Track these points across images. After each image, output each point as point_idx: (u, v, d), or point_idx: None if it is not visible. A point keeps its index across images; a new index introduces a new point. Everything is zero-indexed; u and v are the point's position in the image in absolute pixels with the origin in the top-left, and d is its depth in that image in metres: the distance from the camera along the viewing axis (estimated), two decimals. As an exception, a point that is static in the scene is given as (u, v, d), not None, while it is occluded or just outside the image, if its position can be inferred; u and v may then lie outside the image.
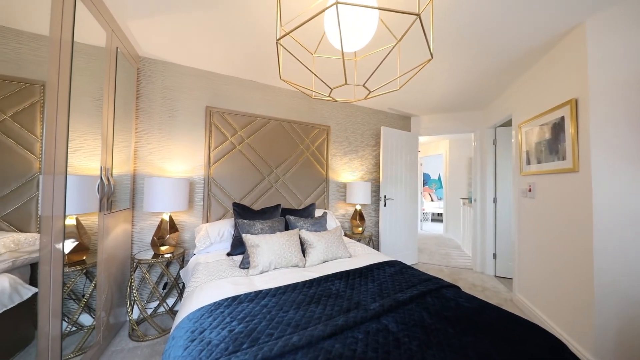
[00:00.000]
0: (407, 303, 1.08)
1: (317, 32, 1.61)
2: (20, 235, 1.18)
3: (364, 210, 3.13)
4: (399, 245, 3.20)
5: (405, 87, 2.51)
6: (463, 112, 3.32)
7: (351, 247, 2.11)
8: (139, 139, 2.04)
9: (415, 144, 3.42)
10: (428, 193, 7.84)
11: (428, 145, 5.99)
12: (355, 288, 1.22)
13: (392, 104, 3.07)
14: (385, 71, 2.12)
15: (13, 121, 1.21)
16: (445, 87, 2.55)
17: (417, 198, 3.43)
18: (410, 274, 1.42)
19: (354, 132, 3.11)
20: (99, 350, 1.52)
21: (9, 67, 1.22)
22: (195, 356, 0.71)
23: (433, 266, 3.30)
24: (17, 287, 1.11)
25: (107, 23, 1.50)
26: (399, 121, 3.48)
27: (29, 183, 1.23)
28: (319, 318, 0.93)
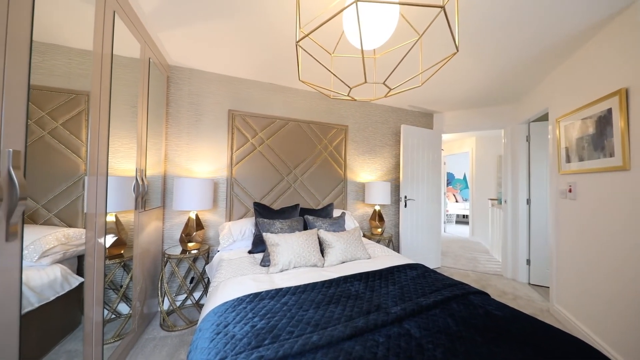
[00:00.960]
0: (430, 308, 1.04)
1: (335, 32, 1.60)
2: (69, 230, 1.31)
3: (383, 211, 3.06)
4: (421, 248, 3.08)
5: (428, 83, 2.41)
6: (491, 107, 3.11)
7: (370, 248, 2.08)
8: (168, 142, 2.19)
9: (438, 142, 3.28)
10: (452, 193, 7.46)
11: (452, 143, 5.70)
12: (375, 290, 1.20)
13: (413, 101, 2.97)
14: (405, 68, 2.06)
15: (63, 128, 1.35)
16: (472, 82, 2.41)
17: (440, 199, 3.28)
18: (434, 278, 1.36)
19: (372, 131, 3.05)
20: (134, 337, 1.65)
21: (60, 80, 1.37)
22: (220, 348, 0.75)
23: (458, 271, 3.14)
24: (67, 276, 1.24)
25: (141, 35, 1.63)
26: (421, 118, 3.35)
27: (76, 183, 1.37)
28: (338, 319, 0.93)
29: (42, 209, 1.21)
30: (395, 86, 1.02)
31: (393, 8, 0.86)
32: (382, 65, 2.00)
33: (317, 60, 0.95)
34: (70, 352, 1.19)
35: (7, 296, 0.73)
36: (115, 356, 1.42)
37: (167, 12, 1.53)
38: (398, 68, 2.03)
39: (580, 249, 1.82)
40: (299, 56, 0.96)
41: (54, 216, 1.29)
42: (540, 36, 1.65)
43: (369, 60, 1.90)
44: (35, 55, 0.81)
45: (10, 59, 0.72)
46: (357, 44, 0.88)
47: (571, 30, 1.59)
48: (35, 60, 0.82)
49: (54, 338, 1.22)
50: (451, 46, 1.77)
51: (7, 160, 0.71)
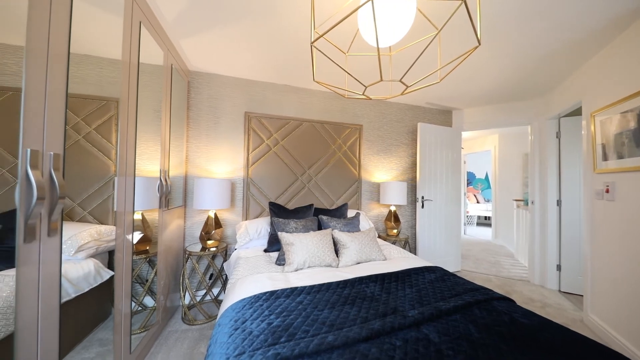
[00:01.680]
0: (450, 313, 1.00)
1: (349, 31, 1.59)
2: (101, 227, 1.41)
3: (399, 211, 2.99)
4: (439, 250, 2.97)
5: (447, 79, 2.33)
6: (517, 102, 2.93)
7: (386, 249, 2.04)
8: (189, 144, 2.29)
9: (458, 140, 3.15)
10: (473, 194, 7.12)
11: (473, 141, 5.45)
12: (392, 292, 1.17)
13: (430, 98, 2.88)
14: (422, 64, 2.00)
15: (96, 132, 1.46)
16: (495, 76, 2.29)
17: (459, 199, 3.15)
18: (454, 281, 1.30)
19: (387, 130, 3.00)
20: (159, 329, 1.74)
21: (93, 88, 1.48)
22: (239, 344, 0.77)
23: (480, 275, 2.99)
24: (99, 269, 1.34)
25: (164, 43, 1.71)
26: (439, 116, 3.24)
27: (107, 184, 1.47)
28: (353, 320, 0.92)
29: (77, 207, 1.31)
30: (413, 83, 0.99)
31: (410, 3, 0.84)
32: (398, 63, 1.96)
33: (332, 60, 0.95)
34: (102, 340, 1.28)
35: (49, 286, 0.80)
36: (142, 346, 1.51)
37: (187, 20, 1.61)
38: (415, 64, 1.98)
39: (619, 254, 1.66)
40: (313, 57, 0.97)
41: (88, 214, 1.39)
42: (572, 24, 1.53)
43: (385, 58, 1.86)
44: (71, 65, 0.88)
45: (51, 70, 0.79)
46: (373, 42, 0.87)
47: (608, 14, 1.46)
48: (72, 70, 0.89)
49: (88, 327, 1.32)
50: (471, 40, 1.70)
51: (49, 163, 0.78)
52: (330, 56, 1.86)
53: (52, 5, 0.79)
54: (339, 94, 1.33)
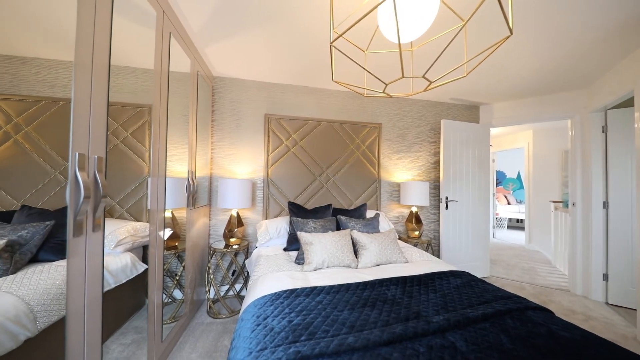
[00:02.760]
0: (478, 321, 0.94)
1: (368, 28, 1.57)
2: (136, 223, 1.53)
3: (421, 212, 2.88)
4: (465, 254, 2.82)
5: (474, 72, 2.19)
6: (554, 94, 2.68)
7: (407, 251, 1.97)
8: (214, 146, 2.41)
9: (486, 137, 2.95)
10: (503, 195, 6.64)
11: (503, 137, 5.08)
12: (414, 296, 1.13)
13: (455, 93, 2.74)
14: (446, 58, 1.90)
15: (132, 137, 1.59)
16: (528, 67, 2.11)
17: (488, 200, 2.95)
18: (482, 288, 1.23)
19: (408, 128, 2.90)
20: (186, 321, 1.85)
21: (129, 97, 1.62)
22: (261, 339, 0.80)
23: (511, 282, 2.78)
24: (135, 263, 1.45)
25: (191, 52, 1.82)
26: (464, 112, 3.07)
27: (142, 184, 1.60)
28: (374, 322, 0.90)
29: (117, 205, 1.44)
30: (436, 78, 0.95)
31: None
32: (419, 58, 1.89)
33: (351, 59, 0.94)
34: (137, 327, 1.39)
35: (94, 276, 0.89)
36: (172, 335, 1.61)
37: (211, 29, 1.69)
38: (438, 59, 1.89)
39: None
40: (332, 57, 0.96)
41: (125, 211, 1.52)
42: (622, 4, 1.37)
43: (406, 54, 1.81)
44: (111, 76, 0.97)
45: (94, 82, 0.88)
46: (393, 38, 0.85)
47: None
48: (112, 81, 0.98)
49: (125, 315, 1.44)
50: (501, 29, 1.58)
51: (93, 165, 0.86)
52: (349, 55, 1.85)
53: (96, 23, 0.88)
54: (358, 93, 1.31)
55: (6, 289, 0.74)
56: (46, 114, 0.90)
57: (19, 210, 0.84)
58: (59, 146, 0.90)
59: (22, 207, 0.85)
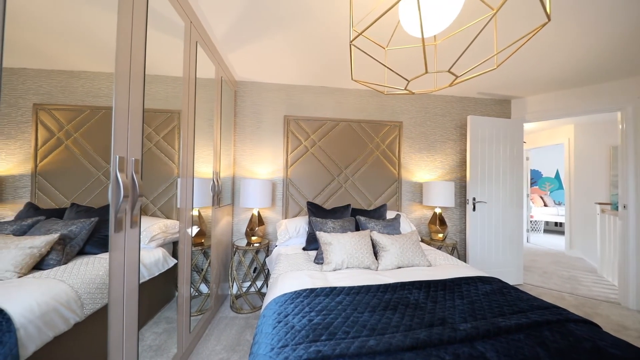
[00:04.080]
0: (511, 332, 0.87)
1: (389, 24, 1.53)
2: (167, 221, 1.64)
3: (445, 214, 2.75)
4: (495, 259, 2.63)
5: (505, 64, 2.04)
6: (601, 83, 2.41)
7: (430, 254, 1.89)
8: (236, 148, 2.51)
9: (519, 133, 2.74)
10: (539, 196, 6.10)
11: (538, 133, 4.67)
12: (439, 302, 1.08)
13: (483, 87, 2.57)
14: (473, 50, 1.80)
15: (163, 140, 1.71)
16: (569, 55, 1.92)
17: (521, 201, 2.73)
18: (515, 296, 1.14)
19: (431, 125, 2.78)
20: (212, 314, 1.95)
21: (161, 103, 1.74)
22: (282, 336, 0.81)
23: (548, 291, 2.55)
24: (166, 258, 1.56)
25: (215, 58, 1.91)
26: (493, 107, 2.87)
27: (172, 184, 1.71)
28: (396, 326, 0.88)
29: (150, 204, 1.55)
30: (463, 72, 0.90)
31: (458, -15, 0.76)
32: (443, 52, 1.80)
33: (372, 57, 0.92)
34: (168, 318, 1.49)
35: (131, 268, 0.97)
36: (199, 327, 1.71)
37: (234, 35, 1.76)
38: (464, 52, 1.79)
39: None
40: (352, 56, 0.95)
41: (158, 210, 1.63)
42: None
43: (429, 48, 1.73)
44: (145, 85, 1.05)
45: (132, 91, 0.96)
46: (415, 33, 0.82)
47: None
48: (146, 89, 1.06)
49: (157, 306, 1.55)
50: (536, 16, 1.46)
51: (131, 167, 0.94)
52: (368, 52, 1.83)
53: (132, 37, 0.96)
54: (378, 91, 1.29)
55: (59, 277, 0.83)
56: (91, 121, 1.00)
57: (69, 207, 0.94)
58: (102, 150, 1.00)
59: (72, 204, 0.95)
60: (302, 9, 1.47)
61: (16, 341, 0.63)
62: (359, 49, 0.89)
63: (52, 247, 0.83)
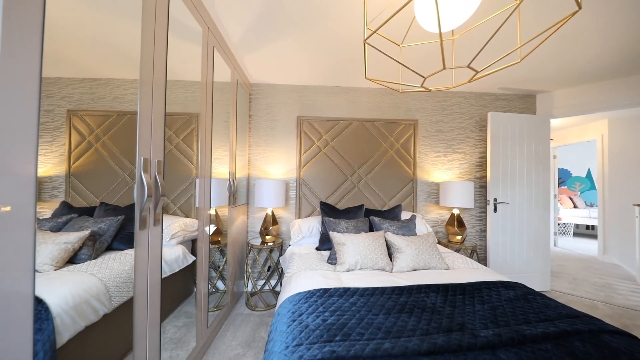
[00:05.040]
0: (537, 341, 0.82)
1: (403, 20, 1.49)
2: (187, 219, 1.71)
3: (463, 215, 2.64)
4: (519, 263, 2.50)
5: (530, 57, 1.92)
6: (636, 75, 2.21)
7: (448, 257, 1.83)
8: (251, 149, 2.56)
9: (545, 129, 2.58)
10: (568, 196, 5.70)
11: (567, 130, 4.37)
12: (457, 306, 1.04)
13: (505, 82, 2.45)
14: (493, 44, 1.71)
15: (183, 142, 1.78)
16: (602, 44, 1.78)
17: (548, 203, 2.57)
18: (542, 303, 1.07)
19: (448, 123, 2.69)
20: (228, 310, 2.01)
21: (180, 107, 1.82)
22: (297, 335, 0.82)
23: (579, 299, 2.38)
24: (185, 254, 1.62)
25: (231, 62, 1.97)
26: (516, 102, 2.72)
27: (191, 184, 1.78)
28: (412, 330, 0.86)
29: (171, 203, 1.62)
30: (484, 67, 0.86)
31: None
32: (461, 47, 1.73)
33: (387, 55, 0.90)
34: (187, 312, 1.55)
35: (154, 264, 1.02)
36: (216, 322, 1.76)
37: (249, 39, 1.80)
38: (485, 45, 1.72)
39: None
40: (366, 54, 0.95)
41: (178, 209, 1.70)
42: None
43: (446, 44, 1.68)
44: (167, 90, 1.10)
45: (155, 96, 1.01)
46: (432, 28, 0.79)
47: None
48: (167, 94, 1.11)
49: (177, 300, 1.61)
50: (563, 5, 1.36)
51: (154, 168, 0.99)
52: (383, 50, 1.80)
53: (155, 45, 1.01)
54: (393, 89, 1.26)
55: (90, 271, 0.89)
56: (117, 125, 1.06)
57: (99, 206, 1.00)
58: (127, 152, 1.06)
59: (101, 203, 1.01)
60: (315, 9, 1.47)
61: (53, 329, 0.68)
62: (373, 47, 0.88)
63: (84, 243, 0.89)
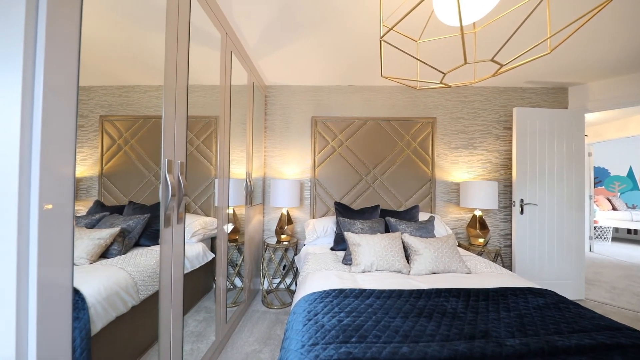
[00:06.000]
0: (570, 353, 0.76)
1: (421, 15, 1.45)
2: (206, 218, 1.78)
3: (486, 216, 2.51)
4: (548, 269, 2.33)
5: (561, 47, 1.79)
6: (691, 62, 1.97)
7: (469, 261, 1.75)
8: (267, 150, 2.62)
9: (579, 125, 2.38)
10: (605, 197, 5.23)
11: (604, 125, 4.01)
12: (480, 313, 0.99)
13: (532, 75, 2.29)
14: (518, 34, 1.61)
15: (202, 144, 1.86)
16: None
17: (582, 204, 2.37)
18: (576, 313, 0.99)
19: (469, 120, 2.57)
20: (245, 307, 2.06)
21: (200, 110, 1.89)
22: (312, 334, 0.83)
23: (619, 310, 2.17)
24: (205, 252, 1.69)
25: (247, 66, 2.02)
26: (545, 96, 2.54)
27: (210, 184, 1.85)
28: (431, 335, 0.83)
29: (192, 202, 1.70)
30: (510, 60, 0.81)
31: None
32: (483, 40, 1.65)
33: (404, 51, 0.88)
34: (207, 307, 1.61)
35: (177, 260, 1.07)
36: (234, 318, 1.82)
37: (265, 43, 1.84)
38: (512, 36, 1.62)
39: None
40: (382, 52, 0.93)
41: (198, 208, 1.77)
42: None
43: (467, 37, 1.61)
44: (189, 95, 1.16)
45: (177, 101, 1.06)
46: (452, 21, 0.76)
47: None
48: (189, 99, 1.16)
49: (198, 295, 1.68)
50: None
51: (177, 169, 1.04)
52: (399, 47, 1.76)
53: (178, 52, 1.06)
54: (410, 87, 1.23)
55: (120, 265, 0.96)
56: (144, 129, 1.13)
57: (127, 205, 1.07)
58: (152, 154, 1.12)
59: (129, 202, 1.08)
60: (330, 8, 1.47)
61: (88, 318, 0.74)
62: (390, 45, 0.86)
63: (115, 239, 0.95)
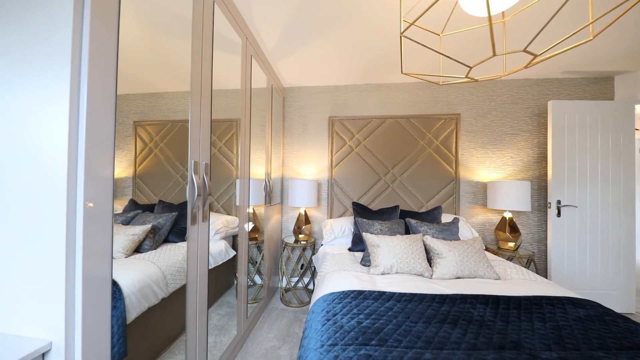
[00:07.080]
0: (618, 372, 0.68)
1: (443, 8, 1.39)
2: (228, 217, 1.85)
3: (517, 219, 2.34)
4: (590, 278, 2.11)
5: (605, 32, 1.61)
6: None
7: (498, 266, 1.64)
8: (285, 151, 2.66)
9: (627, 117, 2.13)
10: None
11: (658, 118, 3.53)
12: (511, 322, 0.93)
13: (571, 64, 2.09)
14: (553, 23, 1.48)
15: (224, 146, 1.93)
16: None
17: (633, 206, 2.12)
18: (625, 327, 0.88)
19: (498, 115, 2.41)
20: (264, 304, 2.12)
21: (223, 113, 1.97)
22: (331, 334, 0.83)
23: (680, 327, 1.90)
24: (227, 249, 1.76)
25: (266, 68, 2.07)
26: (586, 87, 2.31)
27: (232, 184, 1.92)
28: (456, 343, 0.79)
29: (215, 202, 1.77)
30: (545, 49, 0.74)
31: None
32: (511, 30, 1.54)
33: (426, 46, 0.85)
34: (229, 303, 1.68)
35: (202, 256, 1.13)
36: (254, 314, 1.87)
37: (283, 45, 1.87)
38: (548, 22, 1.49)
39: None
40: (402, 48, 0.90)
41: (221, 207, 1.85)
42: None
43: (496, 27, 1.51)
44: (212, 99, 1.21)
45: (202, 105, 1.11)
46: (478, 11, 0.71)
47: None
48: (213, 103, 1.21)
49: (221, 290, 1.75)
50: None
51: (202, 170, 1.10)
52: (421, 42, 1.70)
53: (202, 59, 1.11)
54: (433, 82, 1.18)
55: (151, 260, 1.03)
56: (172, 132, 1.20)
57: (157, 203, 1.14)
58: (179, 156, 1.18)
59: (159, 201, 1.15)
60: (348, 5, 1.46)
61: (124, 307, 0.80)
62: (411, 40, 0.83)
63: (147, 235, 1.03)
